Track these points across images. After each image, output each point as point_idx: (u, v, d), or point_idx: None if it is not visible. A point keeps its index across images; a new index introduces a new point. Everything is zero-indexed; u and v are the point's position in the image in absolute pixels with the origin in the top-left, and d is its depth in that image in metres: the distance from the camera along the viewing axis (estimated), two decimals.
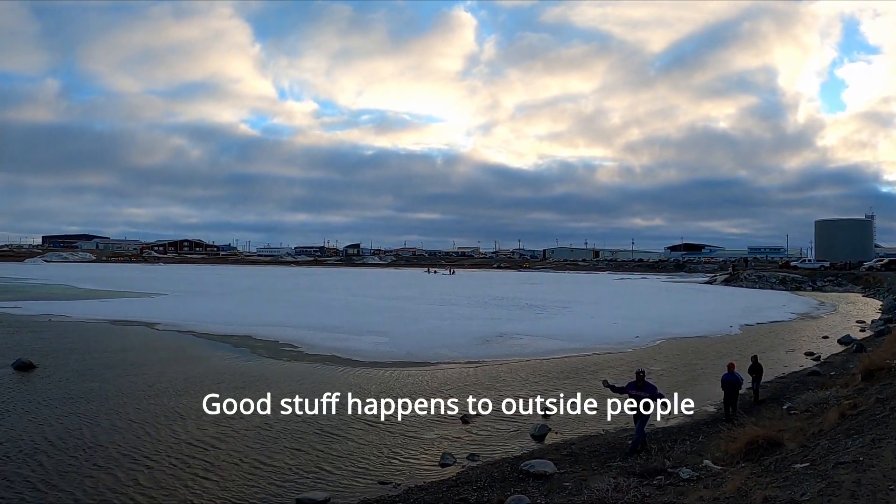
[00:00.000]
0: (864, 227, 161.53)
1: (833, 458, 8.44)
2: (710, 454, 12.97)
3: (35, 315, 39.10)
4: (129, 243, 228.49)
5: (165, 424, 16.53)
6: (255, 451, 14.59)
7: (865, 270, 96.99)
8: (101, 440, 15.04)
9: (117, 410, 17.73)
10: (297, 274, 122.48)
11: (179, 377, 22.32)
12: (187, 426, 16.42)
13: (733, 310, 51.93)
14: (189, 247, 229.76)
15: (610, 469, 12.73)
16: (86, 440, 14.99)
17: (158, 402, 18.84)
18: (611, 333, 34.91)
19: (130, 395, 19.61)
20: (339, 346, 28.91)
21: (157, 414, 17.49)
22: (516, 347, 30.02)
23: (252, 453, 14.39)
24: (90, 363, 24.42)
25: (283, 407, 18.43)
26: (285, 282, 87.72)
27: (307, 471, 13.40)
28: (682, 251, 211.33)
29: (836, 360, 27.80)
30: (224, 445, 14.90)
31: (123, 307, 45.36)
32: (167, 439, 15.27)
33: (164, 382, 21.46)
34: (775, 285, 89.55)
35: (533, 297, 64.08)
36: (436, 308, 49.30)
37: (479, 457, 14.48)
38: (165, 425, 16.45)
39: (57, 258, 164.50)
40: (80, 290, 61.72)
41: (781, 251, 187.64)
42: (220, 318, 38.36)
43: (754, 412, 17.67)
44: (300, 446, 15.02)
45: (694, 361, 27.68)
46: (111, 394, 19.63)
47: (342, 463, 13.94)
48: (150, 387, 20.79)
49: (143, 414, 17.46)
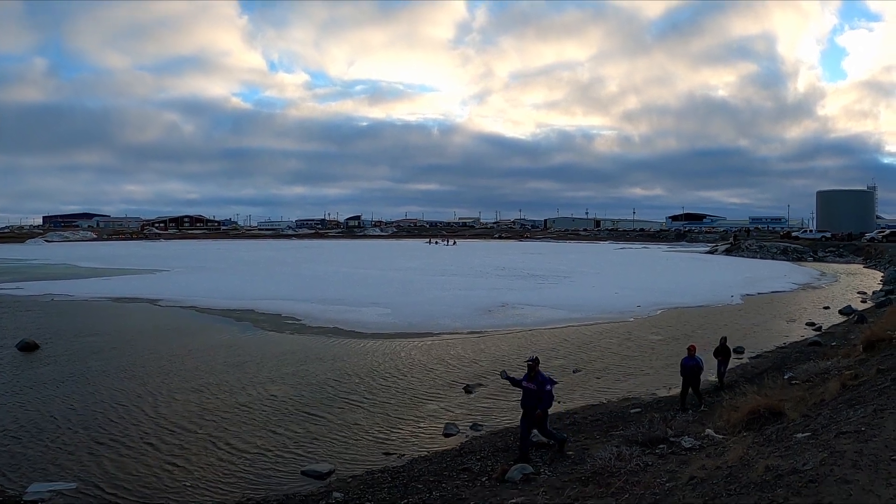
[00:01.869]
0: (866, 198, 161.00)
1: (835, 428, 8.48)
2: (712, 423, 13.04)
3: (38, 295, 39.09)
4: (130, 220, 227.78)
5: (169, 399, 16.63)
6: (260, 423, 14.69)
7: (867, 241, 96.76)
8: (106, 418, 15.13)
9: (121, 388, 17.82)
10: (298, 247, 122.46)
11: (182, 353, 22.41)
12: (191, 401, 16.52)
13: (734, 279, 51.96)
14: (190, 222, 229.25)
15: (612, 438, 12.80)
16: (90, 418, 15.07)
17: (161, 377, 18.94)
18: (612, 303, 34.98)
19: (134, 372, 19.71)
20: (341, 318, 29.00)
21: (160, 389, 17.59)
22: (518, 317, 30.10)
23: (256, 426, 14.49)
24: (93, 342, 24.46)
25: (286, 380, 18.58)
26: (287, 255, 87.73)
27: (312, 443, 13.49)
28: (684, 221, 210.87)
29: (837, 330, 27.87)
30: (228, 419, 15.00)
31: (125, 285, 45.36)
32: (171, 414, 15.37)
33: (168, 358, 21.55)
34: (777, 255, 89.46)
35: (534, 266, 64.14)
36: (437, 279, 49.43)
37: (482, 426, 14.57)
38: (169, 400, 16.55)
39: (58, 238, 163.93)
40: (81, 268, 61.70)
41: (783, 221, 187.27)
42: (223, 293, 38.42)
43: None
44: (304, 418, 15.12)
45: (695, 331, 27.72)
46: (114, 372, 19.71)
47: (346, 434, 14.04)
48: (152, 363, 20.89)
49: (147, 390, 17.56)
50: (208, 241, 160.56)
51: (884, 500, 5.53)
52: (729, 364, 18.28)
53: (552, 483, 10.37)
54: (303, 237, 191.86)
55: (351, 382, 18.36)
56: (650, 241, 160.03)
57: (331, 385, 18.08)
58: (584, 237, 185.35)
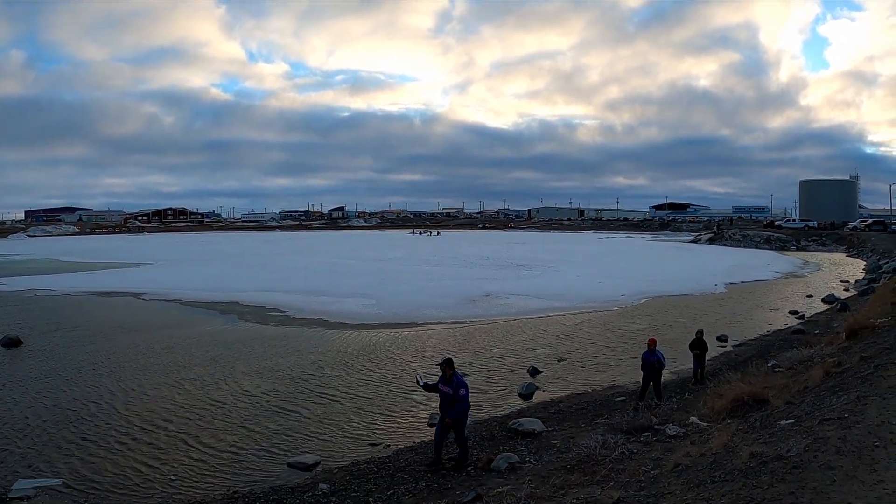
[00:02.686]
0: (849, 188, 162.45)
1: (818, 415, 8.52)
2: (696, 411, 13.09)
3: (20, 290, 38.65)
4: (113, 214, 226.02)
5: (154, 394, 16.52)
6: (245, 416, 14.62)
7: (850, 231, 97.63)
8: (91, 413, 15.01)
9: (105, 383, 17.68)
10: (282, 238, 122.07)
11: (167, 346, 22.27)
12: (176, 394, 16.42)
13: (718, 268, 52.26)
14: (173, 215, 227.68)
15: (597, 426, 12.84)
16: (75, 414, 14.93)
17: (146, 372, 18.82)
18: (596, 292, 35.10)
19: (118, 366, 19.57)
20: (325, 309, 28.92)
21: (144, 383, 17.47)
22: (502, 307, 30.15)
23: (242, 419, 14.42)
24: (77, 337, 24.25)
25: (270, 372, 18.51)
26: (271, 247, 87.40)
27: (297, 434, 13.45)
28: (667, 210, 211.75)
29: (820, 318, 28.09)
30: (214, 411, 14.93)
31: (109, 278, 44.99)
32: (157, 408, 15.26)
33: (153, 352, 21.41)
34: (760, 244, 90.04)
35: (518, 256, 64.23)
36: (421, 269, 49.40)
37: None
38: (154, 395, 16.44)
39: (40, 232, 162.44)
40: (64, 263, 61.13)
41: (766, 211, 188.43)
42: (207, 286, 38.23)
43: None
44: (289, 410, 15.06)
45: (679, 319, 27.87)
46: (98, 367, 19.54)
47: (332, 426, 14.00)
48: (136, 357, 20.74)
49: (131, 384, 17.44)
50: (192, 233, 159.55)
51: (867, 486, 5.56)
52: (706, 357, 17.73)
53: (538, 471, 10.37)
54: (287, 229, 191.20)
55: (335, 374, 18.31)
56: (634, 231, 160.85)
57: (315, 377, 18.02)
58: (568, 227, 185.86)
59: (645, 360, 15.21)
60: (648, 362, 15.12)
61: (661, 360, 15.20)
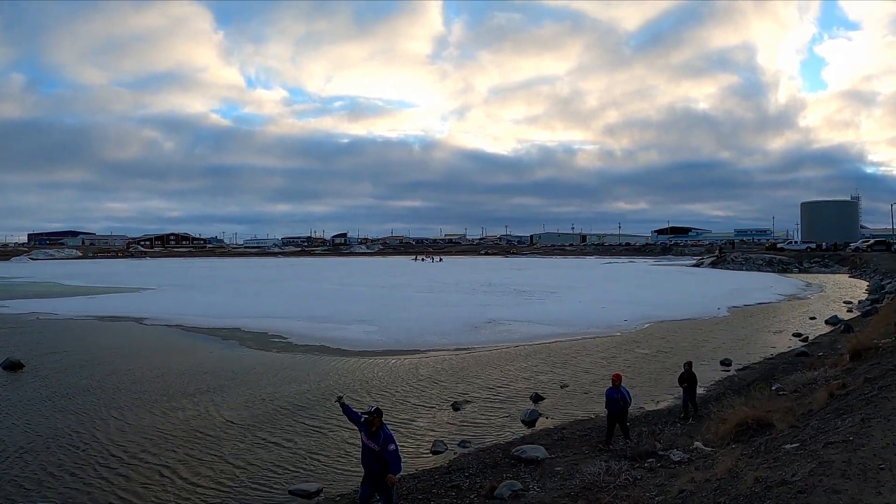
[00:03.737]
0: (850, 209, 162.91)
1: (823, 438, 8.46)
2: (700, 436, 13.02)
3: (22, 314, 38.80)
4: (115, 238, 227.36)
5: (154, 420, 16.42)
6: (246, 443, 14.52)
7: (852, 251, 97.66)
8: (90, 438, 14.92)
9: (105, 408, 17.59)
10: (284, 265, 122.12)
11: (168, 372, 22.19)
12: (177, 420, 16.33)
13: (720, 292, 52.19)
14: (176, 240, 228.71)
15: (601, 453, 12.78)
16: (74, 438, 14.86)
17: (147, 397, 18.72)
18: (599, 317, 35.00)
19: (118, 391, 19.49)
20: (327, 335, 28.86)
21: (145, 409, 17.37)
22: (505, 333, 30.04)
23: (243, 445, 14.33)
24: (78, 361, 24.23)
25: (271, 398, 18.42)
26: (273, 273, 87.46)
27: (299, 462, 13.35)
28: (669, 234, 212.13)
29: (823, 340, 27.98)
30: (214, 438, 14.83)
31: (111, 303, 45.13)
32: (156, 435, 15.16)
33: (152, 378, 21.33)
34: (762, 267, 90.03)
35: (521, 282, 64.18)
36: (424, 295, 49.33)
37: (470, 443, 14.47)
38: (154, 421, 16.34)
39: (43, 255, 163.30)
40: (67, 287, 61.28)
41: (768, 233, 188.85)
42: (209, 311, 38.21)
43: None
44: (291, 437, 14.97)
45: (682, 344, 27.78)
46: (99, 391, 19.49)
47: (334, 453, 13.91)
48: (137, 383, 20.65)
49: (131, 410, 17.34)
50: (194, 259, 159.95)
51: None
52: (697, 391, 16.49)
53: (541, 499, 10.30)
54: (289, 255, 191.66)
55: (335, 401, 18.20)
56: (636, 256, 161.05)
57: (317, 403, 17.94)
58: (571, 252, 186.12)
59: (609, 397, 13.85)
60: (613, 400, 13.72)
61: (626, 397, 13.80)
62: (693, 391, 16.11)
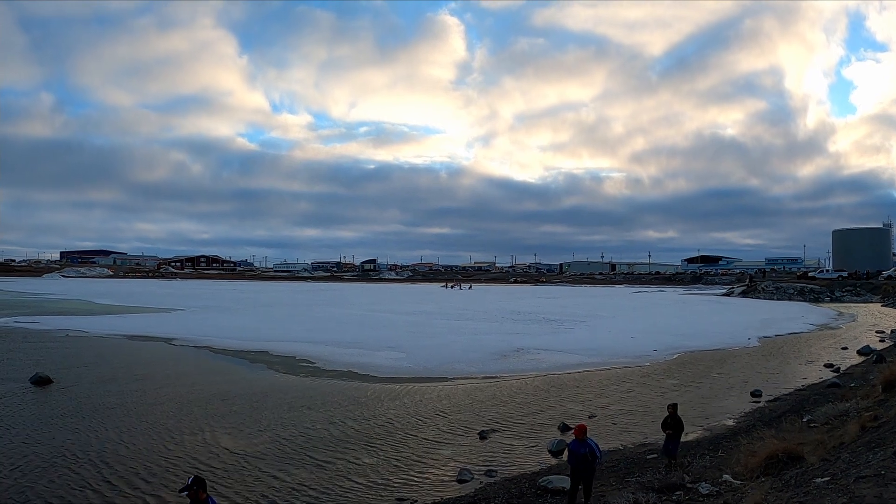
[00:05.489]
0: (882, 236, 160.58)
1: (854, 472, 8.36)
2: (729, 469, 12.85)
3: (53, 330, 39.56)
4: (146, 259, 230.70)
5: (179, 440, 16.56)
6: (271, 466, 14.58)
7: (884, 280, 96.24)
8: (116, 456, 15.08)
9: (132, 426, 17.79)
10: (314, 289, 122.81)
11: (195, 393, 22.38)
12: (202, 442, 16.44)
13: (751, 322, 51.61)
14: (206, 262, 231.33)
15: (628, 484, 12.65)
16: (99, 456, 15.05)
17: (173, 417, 18.88)
18: (628, 347, 34.76)
19: (145, 410, 19.70)
20: (356, 361, 28.93)
21: (170, 429, 17.53)
22: (533, 362, 29.91)
23: (268, 469, 14.38)
24: (106, 379, 24.60)
25: (296, 423, 18.50)
26: (302, 297, 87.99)
27: (324, 487, 13.37)
28: (699, 263, 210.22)
29: (855, 371, 27.56)
30: (239, 461, 14.91)
31: (140, 322, 45.77)
32: (180, 455, 15.28)
33: (179, 398, 21.53)
34: (793, 296, 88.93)
35: (550, 311, 63.94)
36: (452, 323, 49.32)
37: (496, 472, 14.42)
38: (179, 441, 16.48)
39: (74, 273, 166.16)
40: (97, 305, 62.22)
41: (799, 262, 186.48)
42: (237, 334, 38.50)
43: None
44: (317, 462, 15.01)
45: (712, 374, 27.49)
46: (126, 409, 19.75)
47: (359, 479, 13.91)
48: (164, 402, 20.87)
49: (157, 429, 17.51)
50: (224, 281, 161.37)
51: None
52: (682, 438, 14.70)
53: None
54: (318, 279, 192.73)
55: (364, 427, 18.26)
56: (666, 285, 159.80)
57: (343, 429, 17.98)
58: (600, 281, 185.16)
59: (572, 451, 11.75)
60: (577, 455, 11.57)
61: (593, 450, 11.56)
62: (678, 439, 14.27)
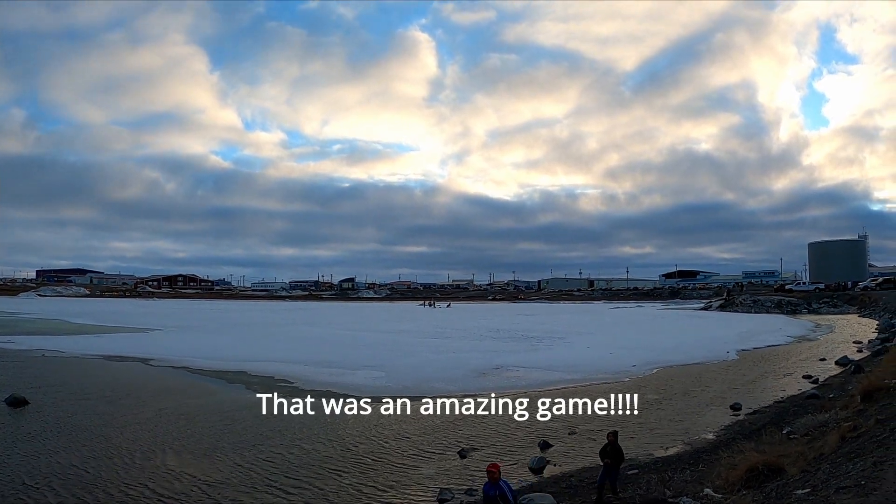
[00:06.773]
0: (858, 247, 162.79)
1: (834, 483, 8.34)
2: (710, 482, 12.81)
3: (28, 350, 38.98)
4: (123, 278, 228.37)
5: (157, 462, 16.25)
6: (247, 489, 14.36)
7: (861, 291, 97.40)
8: (93, 478, 14.78)
9: (109, 448, 17.45)
10: (292, 308, 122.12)
11: (173, 414, 22.03)
12: (180, 464, 16.16)
13: (729, 335, 51.87)
14: (183, 282, 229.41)
15: (609, 501, 12.58)
16: (77, 477, 14.75)
17: (150, 439, 18.56)
18: (607, 363, 34.72)
19: (122, 432, 19.34)
20: (334, 380, 28.64)
21: (149, 451, 17.21)
22: (513, 379, 29.78)
23: (244, 492, 14.16)
24: (83, 399, 24.22)
25: (272, 444, 18.26)
26: (281, 316, 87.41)
27: None
28: (677, 278, 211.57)
29: (834, 381, 27.71)
30: (216, 484, 14.66)
31: (117, 342, 45.12)
32: (159, 478, 14.99)
33: (157, 420, 21.17)
34: (771, 309, 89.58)
35: (529, 328, 63.90)
36: (431, 341, 49.07)
37: (477, 491, 14.24)
38: (157, 463, 16.17)
39: (51, 292, 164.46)
40: (73, 324, 61.47)
41: (776, 275, 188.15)
42: (215, 354, 38.03)
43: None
44: (294, 484, 14.79)
45: (691, 389, 27.54)
46: (103, 431, 19.38)
47: (338, 500, 13.73)
48: (141, 424, 20.52)
49: (135, 451, 17.18)
50: (202, 300, 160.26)
51: None
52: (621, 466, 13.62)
53: None
54: (297, 298, 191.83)
55: (341, 447, 18.06)
56: (644, 300, 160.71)
57: (320, 450, 17.76)
58: (579, 298, 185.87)
59: (486, 494, 10.80)
60: (491, 498, 10.61)
61: (505, 493, 10.55)
62: (616, 469, 13.21)
